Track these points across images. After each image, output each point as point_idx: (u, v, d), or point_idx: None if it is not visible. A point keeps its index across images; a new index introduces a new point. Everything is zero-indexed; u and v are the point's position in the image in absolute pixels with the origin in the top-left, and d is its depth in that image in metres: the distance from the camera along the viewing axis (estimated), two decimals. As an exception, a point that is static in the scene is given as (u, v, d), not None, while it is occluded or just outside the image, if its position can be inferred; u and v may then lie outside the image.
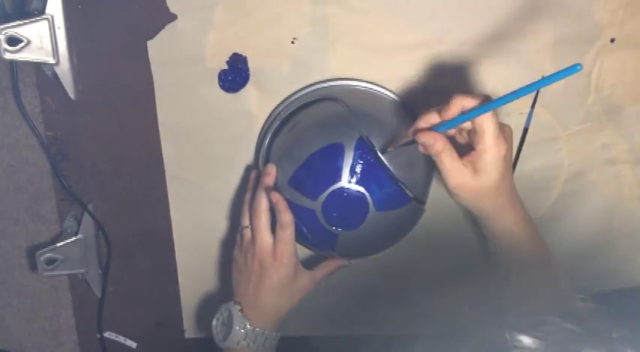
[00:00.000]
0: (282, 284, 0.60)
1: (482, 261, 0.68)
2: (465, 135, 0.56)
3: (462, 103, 0.52)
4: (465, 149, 0.56)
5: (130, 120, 0.68)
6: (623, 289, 0.74)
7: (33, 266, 0.73)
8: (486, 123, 0.52)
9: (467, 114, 0.52)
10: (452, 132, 0.55)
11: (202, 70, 0.65)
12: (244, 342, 0.59)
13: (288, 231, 0.59)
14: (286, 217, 0.58)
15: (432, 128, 0.54)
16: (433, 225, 0.70)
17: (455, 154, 0.54)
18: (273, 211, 0.61)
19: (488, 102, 0.51)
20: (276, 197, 0.59)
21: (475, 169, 0.54)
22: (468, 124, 0.54)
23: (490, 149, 0.52)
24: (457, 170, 0.53)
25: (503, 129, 0.54)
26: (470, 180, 0.54)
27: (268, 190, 0.60)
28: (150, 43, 0.64)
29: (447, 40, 0.63)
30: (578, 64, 0.45)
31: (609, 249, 0.72)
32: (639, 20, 0.63)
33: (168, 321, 0.77)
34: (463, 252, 0.72)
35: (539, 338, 0.43)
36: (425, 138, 0.53)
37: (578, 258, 0.72)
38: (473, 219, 0.66)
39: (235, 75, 0.65)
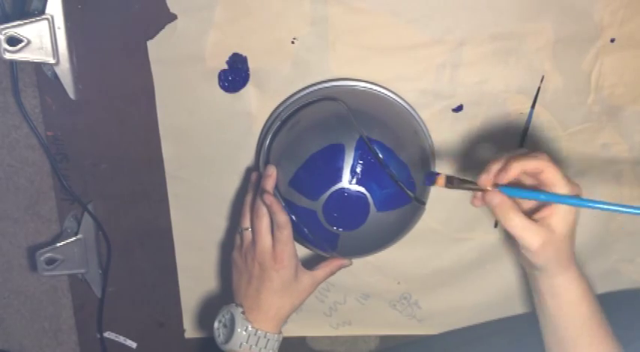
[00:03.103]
0: (284, 286, 0.60)
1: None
2: (527, 179, 0.53)
3: (523, 167, 0.50)
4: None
5: (130, 120, 0.68)
6: (623, 289, 0.74)
7: (33, 266, 0.73)
8: (555, 177, 0.50)
9: (546, 195, 0.49)
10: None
11: (202, 70, 0.65)
12: (246, 344, 0.59)
13: (285, 232, 0.59)
14: (282, 218, 0.58)
15: (499, 186, 0.51)
16: (433, 224, 0.71)
17: (526, 219, 0.50)
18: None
19: (570, 197, 0.49)
20: (269, 199, 0.59)
21: (549, 223, 0.51)
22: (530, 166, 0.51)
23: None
24: (532, 229, 0.50)
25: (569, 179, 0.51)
26: (552, 235, 0.50)
27: (269, 192, 0.60)
28: (150, 43, 0.64)
29: (447, 40, 0.63)
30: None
31: (609, 249, 0.73)
32: (639, 20, 0.63)
33: (168, 321, 0.77)
34: (463, 251, 0.72)
35: None
36: (493, 199, 0.50)
37: (578, 259, 0.72)
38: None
39: (235, 75, 0.65)
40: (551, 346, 0.59)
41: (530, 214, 0.52)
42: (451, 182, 0.54)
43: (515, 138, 0.66)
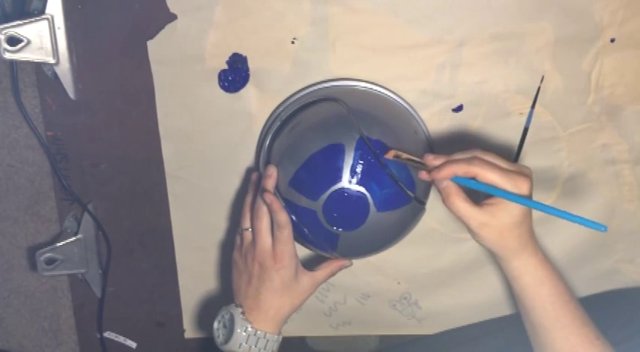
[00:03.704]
0: (284, 286, 0.60)
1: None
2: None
3: (454, 171, 0.53)
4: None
5: (130, 120, 0.68)
6: (623, 289, 0.74)
7: (33, 266, 0.73)
8: (490, 179, 0.52)
9: (494, 190, 0.52)
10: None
11: (202, 70, 0.65)
12: (246, 345, 0.59)
13: (285, 231, 0.59)
14: (282, 217, 0.58)
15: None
16: (433, 224, 0.71)
17: (466, 198, 0.53)
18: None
19: (520, 197, 0.51)
20: (270, 197, 0.59)
21: (491, 210, 0.53)
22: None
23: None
24: (471, 211, 0.53)
25: (520, 170, 0.53)
26: (492, 219, 0.53)
27: (269, 192, 0.60)
28: (150, 43, 0.64)
29: (447, 40, 0.63)
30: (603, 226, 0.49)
31: (609, 249, 0.73)
32: (639, 20, 0.63)
33: (168, 321, 0.77)
34: (463, 251, 0.72)
35: None
36: (440, 183, 0.54)
37: (578, 259, 0.72)
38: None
39: (235, 75, 0.65)
40: (528, 331, 0.60)
41: (482, 199, 0.54)
42: (399, 156, 0.57)
43: (515, 138, 0.65)
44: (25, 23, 0.60)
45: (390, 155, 0.57)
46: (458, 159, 0.53)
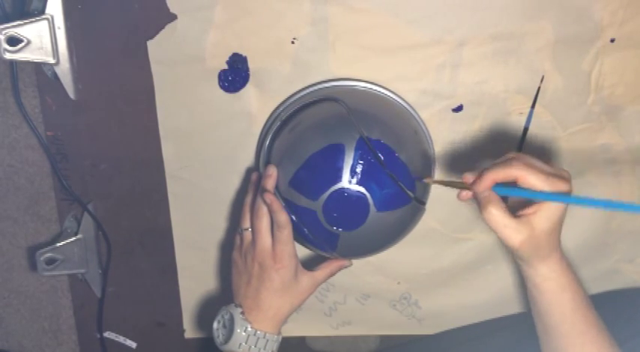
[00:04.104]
0: (283, 286, 0.60)
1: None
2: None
3: (494, 178, 0.51)
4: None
5: (130, 120, 0.68)
6: (623, 289, 0.74)
7: (33, 266, 0.73)
8: (531, 182, 0.50)
9: (533, 194, 0.50)
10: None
11: (202, 70, 0.65)
12: (245, 345, 0.59)
13: (285, 231, 0.59)
14: (282, 217, 0.58)
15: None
16: (433, 224, 0.71)
17: (507, 215, 0.51)
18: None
19: (560, 194, 0.50)
20: (270, 197, 0.58)
21: (531, 220, 0.51)
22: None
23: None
24: (513, 227, 0.50)
25: (560, 173, 0.52)
26: (532, 231, 0.51)
27: (269, 192, 0.60)
28: (150, 43, 0.64)
29: (447, 40, 0.63)
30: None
31: (609, 249, 0.73)
32: (639, 20, 0.63)
33: (168, 321, 0.77)
34: (463, 251, 0.72)
35: None
36: (481, 197, 0.51)
37: (578, 259, 0.72)
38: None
39: (235, 75, 0.65)
40: (540, 334, 0.59)
41: (516, 210, 0.53)
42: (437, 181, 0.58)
43: (515, 138, 0.66)
44: (25, 23, 0.60)
45: (428, 181, 0.59)
46: (496, 164, 0.51)
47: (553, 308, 0.56)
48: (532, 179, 0.50)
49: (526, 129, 0.66)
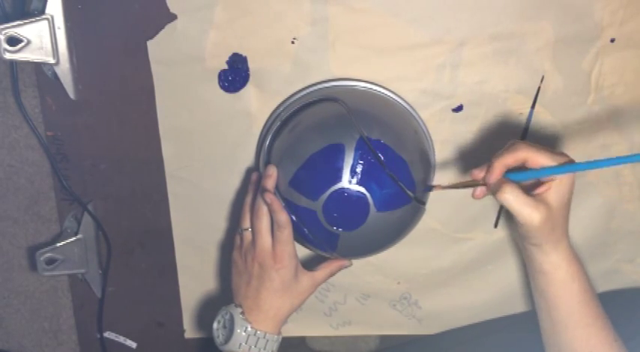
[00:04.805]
0: (283, 286, 0.60)
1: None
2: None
3: (504, 163, 0.52)
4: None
5: (130, 120, 0.68)
6: (623, 289, 0.74)
7: (33, 266, 0.73)
8: (540, 159, 0.52)
9: (542, 171, 0.52)
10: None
11: (202, 70, 0.65)
12: (245, 345, 0.59)
13: (285, 231, 0.59)
14: (282, 217, 0.58)
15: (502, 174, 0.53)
16: (433, 224, 0.71)
17: (523, 194, 0.52)
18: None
19: (569, 164, 0.51)
20: (270, 197, 0.58)
21: (546, 198, 0.52)
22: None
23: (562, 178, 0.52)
24: (532, 205, 0.52)
25: (561, 152, 0.53)
26: (548, 209, 0.52)
27: (269, 192, 0.60)
28: (150, 43, 0.64)
29: (447, 40, 0.63)
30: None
31: (609, 249, 0.73)
32: (639, 20, 0.63)
33: (168, 321, 0.77)
34: (463, 251, 0.72)
35: None
36: (495, 185, 0.52)
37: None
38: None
39: (235, 75, 0.65)
40: (546, 328, 0.60)
41: (528, 192, 0.54)
42: (446, 187, 0.58)
43: (515, 138, 0.65)
44: (25, 23, 0.60)
45: (438, 189, 0.59)
46: (502, 153, 0.53)
47: (561, 300, 0.56)
48: (540, 158, 0.51)
49: (526, 129, 0.66)
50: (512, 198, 0.51)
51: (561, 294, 0.56)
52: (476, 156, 0.67)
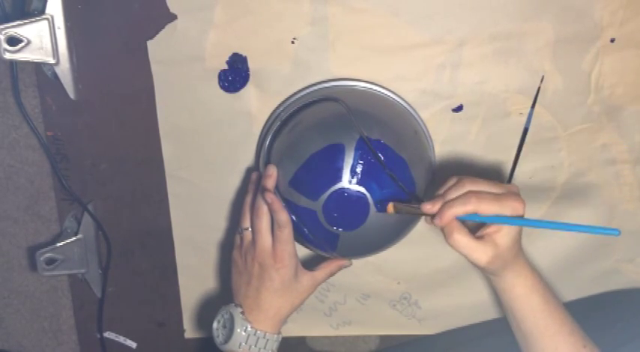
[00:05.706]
0: (283, 285, 0.60)
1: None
2: None
3: (454, 213, 0.53)
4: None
5: (130, 120, 0.68)
6: (623, 289, 0.74)
7: (33, 266, 0.73)
8: (490, 210, 0.52)
9: (490, 219, 0.53)
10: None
11: (202, 70, 0.65)
12: (246, 345, 0.59)
13: (286, 231, 0.59)
14: (282, 216, 0.58)
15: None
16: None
17: (468, 232, 0.53)
18: (273, 213, 0.61)
19: (516, 218, 0.52)
20: (270, 197, 0.59)
21: (494, 239, 0.54)
22: None
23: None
24: (479, 249, 0.53)
25: (510, 190, 0.54)
26: (496, 249, 0.54)
27: (270, 192, 0.60)
28: (150, 43, 0.64)
29: (447, 40, 0.63)
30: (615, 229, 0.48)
31: (609, 249, 0.73)
32: (639, 20, 0.63)
33: (168, 321, 0.77)
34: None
35: None
36: (445, 227, 0.54)
37: (578, 259, 0.72)
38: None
39: (235, 75, 0.65)
40: (519, 341, 0.61)
41: (476, 230, 0.55)
42: (399, 210, 0.57)
43: (515, 138, 0.65)
44: (25, 23, 0.60)
45: (389, 209, 0.57)
46: (454, 200, 0.53)
47: (525, 312, 0.58)
48: (489, 207, 0.52)
49: (526, 129, 0.66)
50: (462, 244, 0.53)
51: (523, 308, 0.58)
52: (476, 156, 0.68)
